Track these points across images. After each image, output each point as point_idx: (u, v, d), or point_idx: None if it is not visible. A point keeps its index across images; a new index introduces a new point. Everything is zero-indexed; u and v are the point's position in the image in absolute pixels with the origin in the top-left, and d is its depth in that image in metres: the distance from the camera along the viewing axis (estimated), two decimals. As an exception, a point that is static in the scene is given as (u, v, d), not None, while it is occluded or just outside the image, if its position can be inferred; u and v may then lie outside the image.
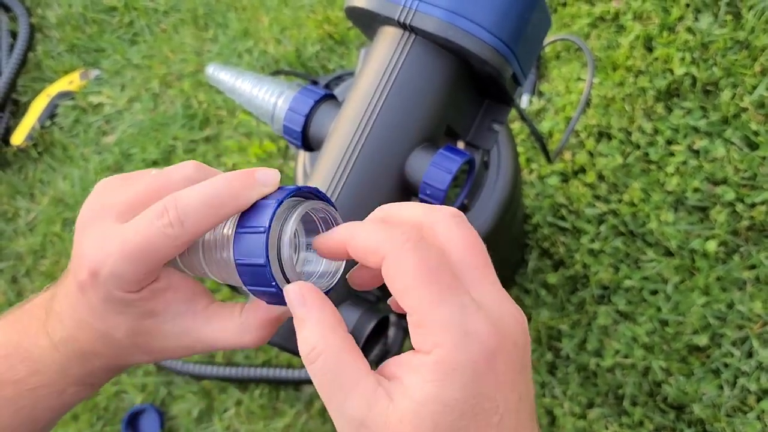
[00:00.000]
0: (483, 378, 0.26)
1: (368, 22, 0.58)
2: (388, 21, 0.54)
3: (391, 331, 0.56)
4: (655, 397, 0.86)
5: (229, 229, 0.32)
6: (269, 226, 0.29)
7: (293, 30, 1.17)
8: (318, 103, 0.58)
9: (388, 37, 0.55)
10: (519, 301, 0.94)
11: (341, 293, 0.55)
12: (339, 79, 1.08)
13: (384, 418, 0.26)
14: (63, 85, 1.27)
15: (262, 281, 0.30)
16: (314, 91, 0.59)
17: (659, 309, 0.88)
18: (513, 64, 0.55)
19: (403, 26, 0.53)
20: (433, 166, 0.53)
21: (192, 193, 0.30)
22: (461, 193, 0.59)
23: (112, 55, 1.28)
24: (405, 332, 0.52)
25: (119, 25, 1.31)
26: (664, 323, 0.88)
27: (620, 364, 0.87)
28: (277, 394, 0.98)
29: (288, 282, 0.30)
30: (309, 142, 0.59)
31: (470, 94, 0.59)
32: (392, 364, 0.28)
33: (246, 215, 0.30)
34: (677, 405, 0.85)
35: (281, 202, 0.30)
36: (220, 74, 0.63)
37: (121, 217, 0.31)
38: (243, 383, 1.00)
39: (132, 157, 1.18)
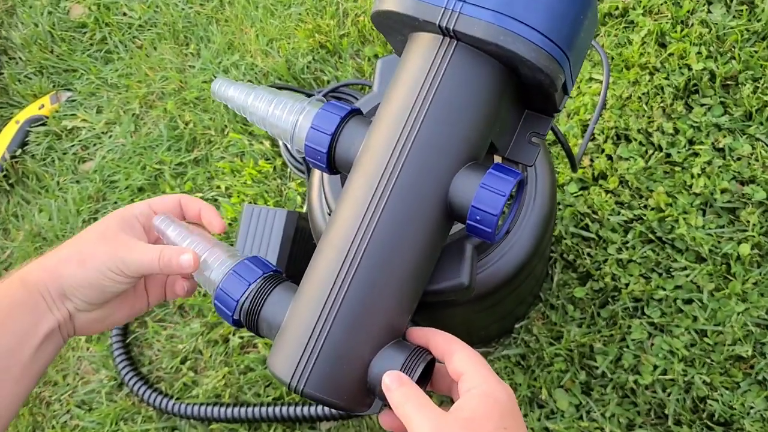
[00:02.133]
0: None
1: (399, 28, 0.51)
2: (426, 26, 0.48)
3: None
4: (700, 414, 0.80)
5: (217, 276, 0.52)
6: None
7: (282, 41, 1.10)
8: (345, 119, 0.51)
9: (425, 44, 0.49)
10: (545, 317, 0.88)
11: (384, 337, 0.48)
12: (335, 91, 1.01)
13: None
14: (33, 110, 1.18)
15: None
16: (340, 106, 0.52)
17: (696, 319, 0.83)
18: (566, 70, 0.49)
19: (443, 31, 0.47)
20: (484, 189, 0.47)
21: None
22: (508, 216, 0.53)
23: (85, 75, 1.19)
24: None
25: (91, 42, 1.22)
26: (703, 334, 0.83)
27: (660, 380, 0.82)
28: (291, 434, 0.91)
29: None
30: (334, 164, 0.52)
31: (512, 105, 0.53)
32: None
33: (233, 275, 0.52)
34: (724, 421, 0.79)
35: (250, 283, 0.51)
36: (228, 90, 0.56)
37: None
38: (254, 424, 0.92)
39: (115, 185, 1.09)
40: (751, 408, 0.79)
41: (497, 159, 0.60)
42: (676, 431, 0.80)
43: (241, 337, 0.96)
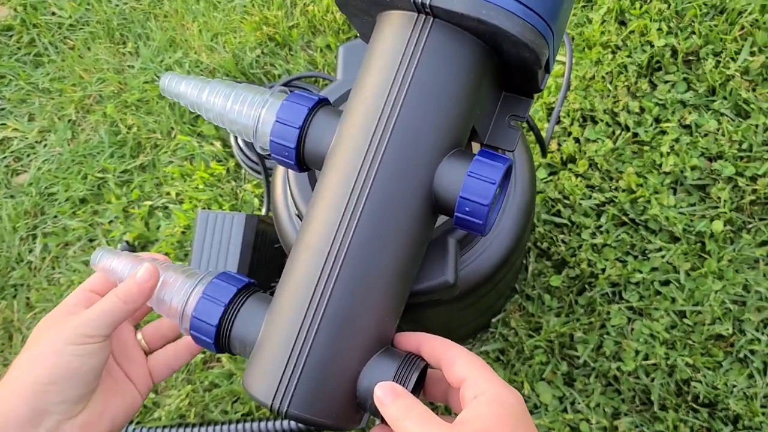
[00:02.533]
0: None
1: (365, 7, 0.46)
2: (397, 3, 0.43)
3: None
4: (685, 396, 0.79)
5: (179, 305, 0.46)
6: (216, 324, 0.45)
7: (227, 35, 1.04)
8: (313, 110, 0.46)
9: (398, 24, 0.44)
10: (522, 309, 0.85)
11: (372, 345, 0.44)
12: (288, 85, 0.95)
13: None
14: (-43, 121, 1.08)
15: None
16: (307, 96, 0.47)
17: (674, 300, 0.82)
18: (551, 45, 0.45)
19: (418, 8, 0.43)
20: (472, 177, 0.43)
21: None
22: (497, 206, 0.49)
23: (14, 81, 1.10)
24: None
25: (18, 45, 1.13)
26: (682, 315, 0.81)
27: (642, 365, 0.80)
28: (265, 452, 0.85)
29: None
30: (304, 160, 0.48)
31: (492, 87, 0.49)
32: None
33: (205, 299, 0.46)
34: (709, 402, 0.78)
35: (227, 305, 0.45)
36: (180, 86, 0.50)
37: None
38: (222, 444, 0.86)
39: (54, 198, 1.01)
40: (734, 386, 0.78)
41: (475, 147, 0.56)
42: (661, 416, 0.78)
43: (203, 352, 0.90)
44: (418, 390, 0.45)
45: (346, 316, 0.43)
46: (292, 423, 0.83)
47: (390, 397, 0.40)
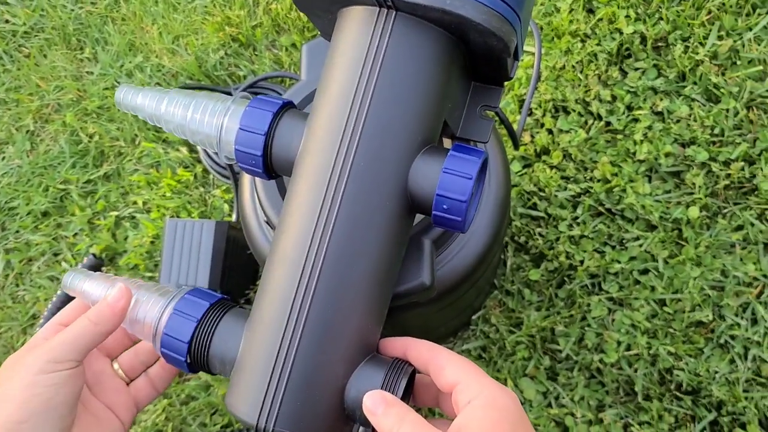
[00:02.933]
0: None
1: (325, 5, 0.44)
2: (359, -2, 0.42)
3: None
4: (668, 385, 0.78)
5: (152, 324, 0.44)
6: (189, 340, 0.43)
7: (189, 37, 1.01)
8: (277, 115, 0.44)
9: (359, 19, 0.42)
10: (503, 305, 0.84)
11: (357, 354, 0.42)
12: (254, 86, 0.93)
13: None
14: None
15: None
16: (270, 100, 0.45)
17: (653, 289, 0.81)
18: (518, 32, 0.44)
19: (379, 2, 0.41)
20: (448, 173, 0.41)
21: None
22: (474, 201, 0.47)
23: (-32, 93, 1.06)
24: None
25: (-30, 55, 1.09)
26: (662, 303, 0.81)
27: (625, 356, 0.79)
28: (246, 464, 0.83)
29: None
30: (272, 168, 0.46)
31: (460, 79, 0.47)
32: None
33: (176, 314, 0.43)
34: (692, 389, 0.78)
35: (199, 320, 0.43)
36: (136, 98, 0.48)
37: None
38: (201, 459, 0.84)
39: (15, 212, 0.97)
40: (716, 372, 0.78)
41: (446, 143, 0.55)
42: (646, 406, 0.78)
43: (178, 365, 0.87)
44: (407, 396, 0.43)
45: (328, 327, 0.41)
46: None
47: (381, 406, 0.39)
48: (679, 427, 0.77)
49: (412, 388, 0.45)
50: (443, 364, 0.41)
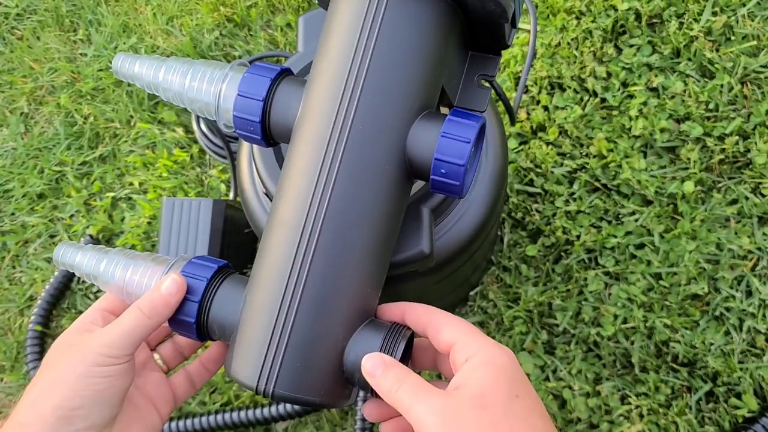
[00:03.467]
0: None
1: (324, -30, 0.44)
2: (357, -38, 0.41)
3: None
4: (665, 357, 0.79)
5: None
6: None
7: (183, 18, 1.01)
8: (275, 81, 0.44)
9: (358, -16, 0.42)
10: (500, 281, 0.85)
11: (356, 318, 0.43)
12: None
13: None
14: None
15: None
16: (268, 67, 0.45)
17: (649, 263, 0.82)
18: (517, -1, 0.44)
19: (378, -35, 0.41)
20: (446, 138, 0.42)
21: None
22: (472, 166, 0.47)
23: (-40, 76, 1.05)
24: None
25: (-38, 38, 1.08)
26: (658, 277, 0.81)
27: (622, 329, 0.80)
28: (246, 441, 0.84)
29: None
30: (270, 134, 0.46)
31: (457, 47, 0.47)
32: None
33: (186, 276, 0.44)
34: (688, 361, 0.78)
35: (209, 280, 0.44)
36: (134, 66, 0.47)
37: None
38: (202, 437, 0.84)
39: (10, 194, 0.97)
40: (712, 344, 0.79)
41: (444, 112, 0.55)
42: (643, 378, 0.78)
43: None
44: (406, 359, 0.44)
45: (327, 291, 0.41)
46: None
47: (380, 368, 0.39)
48: (676, 398, 0.77)
49: (411, 352, 0.45)
50: (440, 326, 0.41)
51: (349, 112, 0.41)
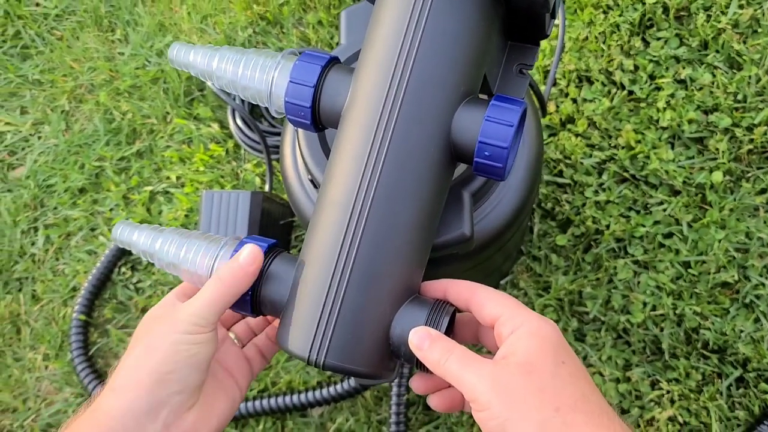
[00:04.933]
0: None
1: (372, -36, 0.47)
2: (406, -45, 0.44)
3: None
4: (695, 344, 0.80)
5: (205, 270, 0.47)
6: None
7: (217, 16, 1.04)
8: (325, 68, 0.47)
9: (406, -24, 0.44)
10: (530, 270, 0.86)
11: (402, 294, 0.45)
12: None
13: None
14: (-53, 118, 1.07)
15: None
16: (318, 55, 0.47)
17: (678, 252, 0.83)
18: (558, -12, 0.46)
19: (425, -42, 0.43)
20: (490, 121, 0.43)
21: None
22: (514, 148, 0.49)
23: (2, 75, 1.09)
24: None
25: (3, 38, 1.12)
26: (687, 266, 0.83)
27: (651, 317, 0.81)
28: (283, 425, 0.86)
29: None
30: (319, 119, 0.48)
31: (499, 36, 0.49)
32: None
33: None
34: (718, 348, 0.80)
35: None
36: (189, 56, 0.50)
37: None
38: (242, 420, 0.87)
39: (52, 189, 1.00)
40: (742, 331, 0.80)
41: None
42: (673, 364, 0.80)
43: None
44: (448, 334, 0.45)
45: (375, 266, 0.43)
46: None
47: (427, 341, 0.41)
48: (707, 383, 0.79)
49: (453, 327, 0.47)
50: (484, 300, 0.43)
51: (397, 97, 0.43)
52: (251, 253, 0.44)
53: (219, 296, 0.43)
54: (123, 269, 0.95)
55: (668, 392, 0.78)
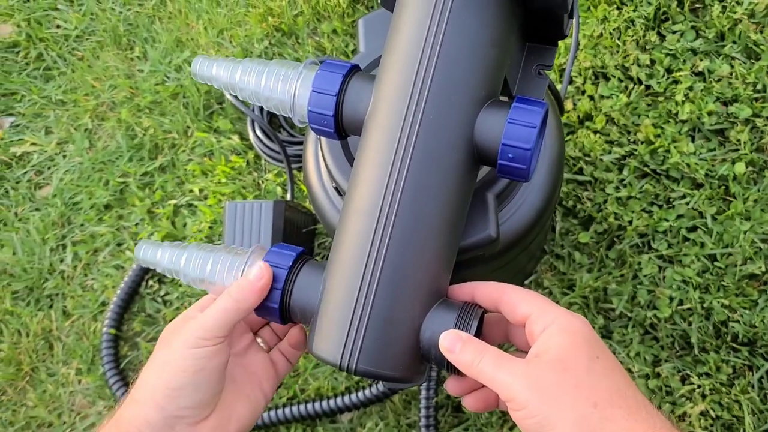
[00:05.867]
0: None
1: (390, -29, 0.47)
2: (423, -39, 0.44)
3: None
4: (724, 337, 0.80)
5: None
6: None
7: (233, 30, 1.05)
8: (347, 77, 0.47)
9: (424, -18, 0.45)
10: (554, 269, 0.86)
11: (430, 298, 0.45)
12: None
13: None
14: (-26, 141, 1.09)
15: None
16: (339, 64, 0.48)
17: (703, 245, 0.83)
18: (574, -12, 0.46)
19: (443, -37, 0.44)
20: (513, 124, 0.44)
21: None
22: (537, 149, 0.50)
23: (27, 97, 1.11)
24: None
25: (26, 61, 1.14)
26: (713, 258, 0.82)
27: (678, 311, 0.81)
28: (314, 432, 0.87)
29: None
30: (342, 127, 0.49)
31: (518, 38, 0.50)
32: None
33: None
34: (748, 340, 0.79)
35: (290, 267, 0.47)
36: (212, 69, 0.51)
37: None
38: (272, 429, 0.87)
39: (78, 206, 1.02)
40: (772, 323, 0.79)
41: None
42: (703, 358, 0.79)
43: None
44: (478, 336, 0.46)
45: (403, 271, 0.44)
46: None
47: (458, 344, 0.41)
48: (738, 377, 0.78)
49: (482, 329, 0.48)
50: (514, 300, 0.43)
51: (419, 103, 0.44)
52: (260, 270, 0.46)
53: (226, 311, 0.44)
54: (150, 282, 0.96)
55: (699, 387, 0.78)
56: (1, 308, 0.99)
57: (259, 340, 0.51)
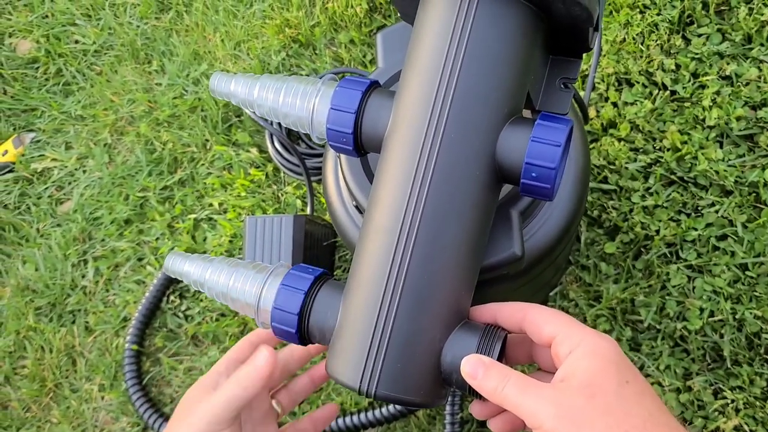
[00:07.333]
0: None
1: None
2: (445, -25, 0.43)
3: None
4: (757, 349, 0.77)
5: (253, 300, 0.47)
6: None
7: (250, 42, 1.05)
8: (366, 93, 0.46)
9: (445, -2, 0.44)
10: (580, 280, 0.84)
11: (452, 320, 0.44)
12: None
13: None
14: (-4, 158, 1.10)
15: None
16: (358, 80, 0.47)
17: (733, 254, 0.80)
18: (600, 1, 0.45)
19: (464, -22, 0.42)
20: (536, 142, 0.43)
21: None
22: (561, 167, 0.48)
23: (46, 112, 1.12)
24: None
25: (45, 77, 1.15)
26: (744, 268, 0.80)
27: (709, 323, 0.79)
28: (337, 448, 0.86)
29: None
30: (361, 145, 0.48)
31: (541, 51, 0.48)
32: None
33: (285, 288, 0.47)
34: (783, 353, 0.77)
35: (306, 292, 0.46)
36: (230, 85, 0.50)
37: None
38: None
39: (99, 221, 1.02)
40: (807, 334, 0.76)
41: (526, 115, 0.56)
42: (736, 371, 0.77)
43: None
44: (500, 359, 0.45)
45: (424, 293, 0.43)
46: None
47: (481, 369, 0.40)
48: (772, 390, 0.76)
49: (505, 352, 0.46)
50: (538, 321, 0.42)
51: (441, 119, 0.43)
52: (266, 359, 0.49)
53: (234, 399, 0.48)
54: (171, 297, 0.96)
55: (732, 401, 0.76)
56: (25, 324, 0.99)
57: (274, 403, 0.53)
